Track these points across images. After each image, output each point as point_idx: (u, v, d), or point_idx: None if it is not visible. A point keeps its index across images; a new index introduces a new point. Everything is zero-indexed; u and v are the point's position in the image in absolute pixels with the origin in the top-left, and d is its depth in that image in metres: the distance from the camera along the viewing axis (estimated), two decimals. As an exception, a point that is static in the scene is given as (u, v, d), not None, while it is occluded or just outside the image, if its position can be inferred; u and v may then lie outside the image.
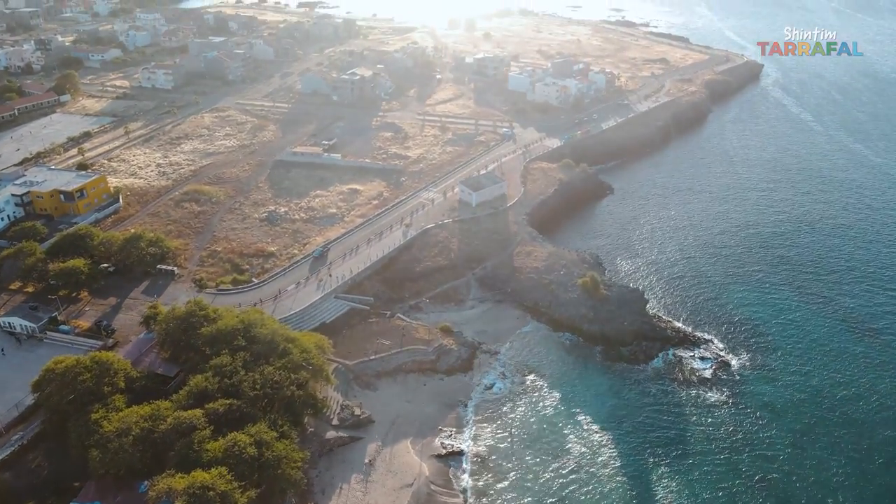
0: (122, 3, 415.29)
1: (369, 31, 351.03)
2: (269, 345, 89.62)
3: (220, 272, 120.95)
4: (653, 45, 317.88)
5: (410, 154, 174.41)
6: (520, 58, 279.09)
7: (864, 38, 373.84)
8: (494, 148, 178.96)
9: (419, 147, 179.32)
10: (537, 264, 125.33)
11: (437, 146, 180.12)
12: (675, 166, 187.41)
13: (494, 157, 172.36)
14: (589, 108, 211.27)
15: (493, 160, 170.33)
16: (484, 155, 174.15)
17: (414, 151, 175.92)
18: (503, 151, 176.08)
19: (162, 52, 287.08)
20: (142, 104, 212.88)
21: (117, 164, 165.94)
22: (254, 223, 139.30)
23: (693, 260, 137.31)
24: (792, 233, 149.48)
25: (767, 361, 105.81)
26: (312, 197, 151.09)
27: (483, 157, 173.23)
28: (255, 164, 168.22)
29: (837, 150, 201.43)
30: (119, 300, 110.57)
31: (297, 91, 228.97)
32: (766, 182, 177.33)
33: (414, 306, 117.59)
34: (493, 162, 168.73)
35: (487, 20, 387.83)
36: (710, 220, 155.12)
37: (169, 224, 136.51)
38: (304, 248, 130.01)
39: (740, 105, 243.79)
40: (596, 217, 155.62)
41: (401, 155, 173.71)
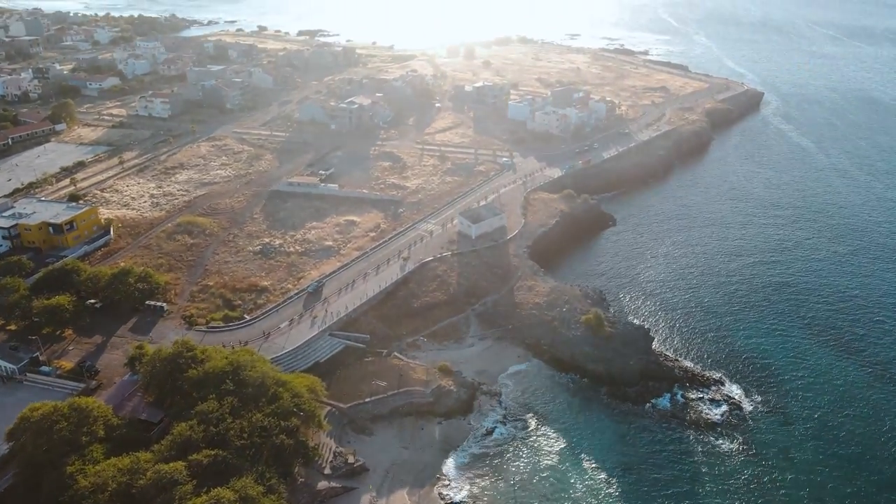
0: (123, 32, 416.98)
1: (369, 59, 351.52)
2: (258, 389, 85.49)
3: (212, 308, 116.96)
4: (652, 73, 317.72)
5: (409, 184, 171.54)
6: (519, 86, 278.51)
7: (861, 66, 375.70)
8: (494, 178, 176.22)
9: (418, 177, 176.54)
10: (539, 300, 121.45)
11: (435, 176, 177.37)
12: (677, 196, 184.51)
13: (494, 187, 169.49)
14: (590, 137, 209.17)
15: (493, 191, 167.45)
16: (483, 185, 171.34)
17: (412, 181, 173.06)
18: (503, 182, 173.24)
19: (161, 80, 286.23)
20: (138, 133, 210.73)
21: (110, 194, 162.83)
22: (247, 256, 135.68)
23: (698, 293, 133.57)
24: (797, 263, 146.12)
25: (779, 402, 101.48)
26: (308, 229, 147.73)
27: (482, 187, 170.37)
28: (250, 194, 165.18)
29: (840, 179, 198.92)
30: (105, 338, 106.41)
31: (295, 120, 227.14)
32: (769, 212, 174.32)
33: (411, 344, 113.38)
34: (493, 193, 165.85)
35: (487, 48, 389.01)
36: (713, 250, 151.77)
37: (160, 257, 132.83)
38: (299, 282, 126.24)
39: (742, 133, 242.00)
40: (598, 249, 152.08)
41: (399, 185, 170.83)
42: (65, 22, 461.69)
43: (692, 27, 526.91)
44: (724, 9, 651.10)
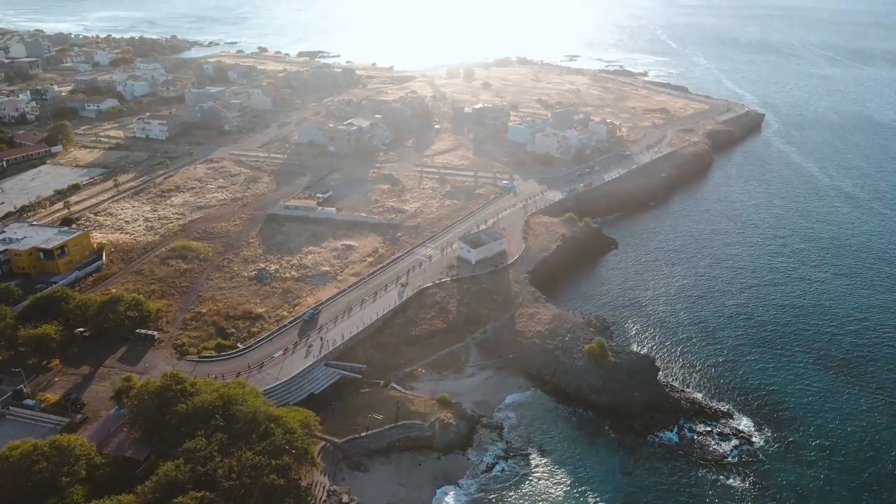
0: (123, 54, 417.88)
1: (368, 80, 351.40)
2: (249, 424, 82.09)
3: (204, 336, 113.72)
4: (652, 94, 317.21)
5: (407, 207, 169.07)
6: (519, 107, 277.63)
7: (860, 87, 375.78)
8: (494, 201, 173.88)
9: (416, 200, 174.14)
10: (540, 328, 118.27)
11: (434, 199, 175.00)
12: (679, 219, 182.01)
13: (494, 210, 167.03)
14: (590, 160, 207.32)
15: (493, 214, 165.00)
16: (483, 209, 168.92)
17: (411, 205, 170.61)
18: (503, 205, 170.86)
19: (159, 101, 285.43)
20: (134, 155, 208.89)
21: (104, 218, 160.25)
22: (242, 282, 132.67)
23: (702, 320, 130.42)
24: (802, 287, 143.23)
25: (790, 435, 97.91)
26: (305, 253, 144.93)
27: (482, 210, 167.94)
28: (246, 217, 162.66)
29: (843, 201, 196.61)
30: (92, 369, 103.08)
31: (294, 141, 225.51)
32: (772, 234, 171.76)
33: (409, 374, 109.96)
34: (493, 216, 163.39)
35: (486, 69, 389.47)
36: (717, 275, 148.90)
37: (152, 283, 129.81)
38: (294, 309, 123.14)
39: (743, 155, 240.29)
40: (600, 274, 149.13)
41: (397, 208, 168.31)
42: (65, 43, 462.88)
43: (691, 48, 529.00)
44: (723, 30, 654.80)
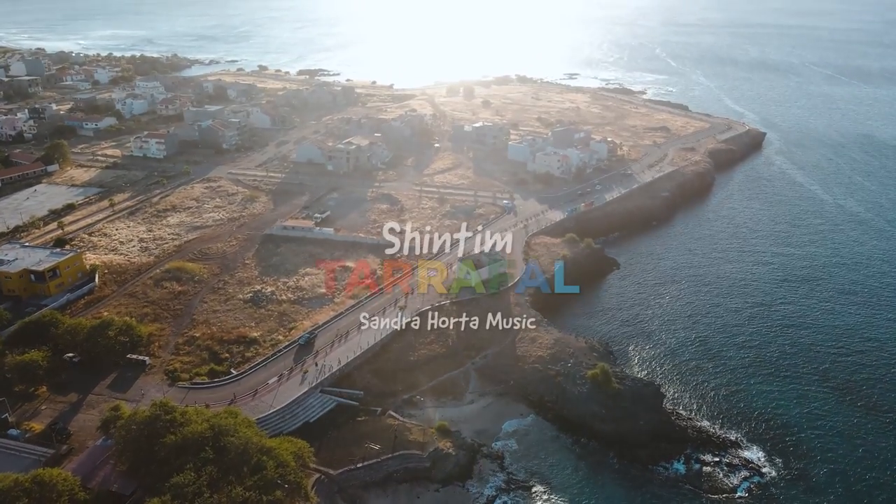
0: (124, 72, 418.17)
1: (368, 98, 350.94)
2: (240, 457, 79.04)
3: (197, 362, 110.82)
4: (652, 112, 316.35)
5: (407, 227, 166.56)
6: (519, 125, 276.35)
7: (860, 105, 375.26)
8: (494, 221, 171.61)
9: (416, 220, 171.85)
10: (542, 353, 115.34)
11: (434, 219, 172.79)
12: (682, 239, 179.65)
13: (495, 230, 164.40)
14: (591, 179, 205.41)
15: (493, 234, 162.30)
16: (484, 229, 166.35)
17: (411, 225, 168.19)
18: (504, 225, 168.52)
19: (158, 120, 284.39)
20: (131, 174, 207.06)
21: (98, 238, 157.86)
22: (237, 305, 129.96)
23: (707, 342, 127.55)
24: (809, 309, 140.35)
25: (802, 466, 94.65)
26: (302, 275, 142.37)
27: (483, 231, 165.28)
28: (243, 238, 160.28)
29: (848, 221, 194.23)
30: (80, 396, 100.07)
31: (292, 160, 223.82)
32: (777, 254, 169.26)
33: (407, 401, 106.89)
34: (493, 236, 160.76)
35: (486, 87, 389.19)
36: (721, 295, 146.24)
37: (145, 306, 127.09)
38: (290, 333, 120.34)
39: (745, 174, 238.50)
40: (602, 296, 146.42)
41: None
42: (66, 62, 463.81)
43: (690, 67, 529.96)
44: (721, 49, 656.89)
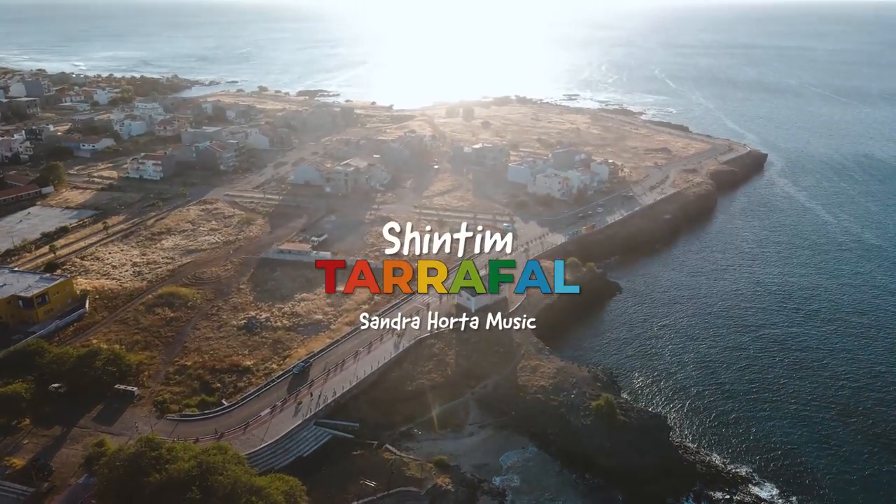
0: (123, 93, 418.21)
1: (367, 119, 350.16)
2: (228, 497, 75.18)
3: (187, 392, 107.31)
4: (653, 133, 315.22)
5: (405, 251, 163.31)
6: (519, 147, 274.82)
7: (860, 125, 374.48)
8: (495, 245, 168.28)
9: (415, 244, 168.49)
10: (544, 382, 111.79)
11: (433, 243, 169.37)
12: (685, 262, 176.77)
13: (495, 254, 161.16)
14: (593, 201, 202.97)
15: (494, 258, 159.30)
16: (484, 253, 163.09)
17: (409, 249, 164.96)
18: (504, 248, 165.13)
19: (156, 141, 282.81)
20: (127, 196, 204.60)
21: (90, 262, 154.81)
22: (231, 331, 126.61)
23: (713, 371, 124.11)
24: (815, 334, 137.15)
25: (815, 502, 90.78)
26: (297, 300, 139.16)
27: (483, 254, 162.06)
28: (238, 262, 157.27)
29: (853, 244, 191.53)
30: (65, 430, 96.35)
31: (290, 182, 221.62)
32: (782, 278, 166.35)
33: (405, 433, 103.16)
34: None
35: (486, 108, 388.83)
36: (726, 321, 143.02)
37: (136, 333, 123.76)
38: (284, 361, 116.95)
39: (748, 196, 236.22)
40: (605, 322, 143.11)
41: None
42: (67, 83, 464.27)
43: (689, 87, 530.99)
44: (719, 70, 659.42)
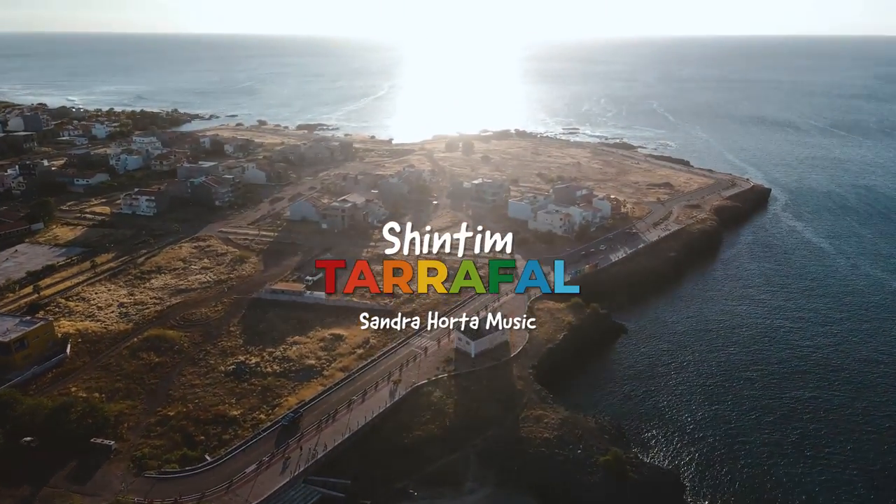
0: (122, 127, 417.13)
1: (366, 153, 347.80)
2: (204, 572, 68.62)
3: (169, 446, 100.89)
4: (654, 168, 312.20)
5: (402, 291, 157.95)
6: (519, 182, 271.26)
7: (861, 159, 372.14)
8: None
9: (413, 283, 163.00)
10: (548, 434, 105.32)
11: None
12: (691, 302, 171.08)
13: (495, 295, 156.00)
14: (595, 238, 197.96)
15: (494, 298, 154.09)
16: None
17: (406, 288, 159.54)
18: (504, 288, 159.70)
19: (152, 176, 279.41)
20: (118, 233, 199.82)
21: (75, 303, 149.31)
22: (218, 378, 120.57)
23: (724, 419, 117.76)
24: (828, 377, 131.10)
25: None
26: (289, 344, 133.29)
27: (482, 294, 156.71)
28: (229, 302, 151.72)
29: (863, 281, 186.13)
30: (34, 490, 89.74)
31: (285, 218, 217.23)
32: (792, 317, 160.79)
33: (400, 491, 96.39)
34: (494, 300, 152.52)
35: (485, 142, 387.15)
36: (736, 364, 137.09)
37: (118, 380, 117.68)
38: (273, 411, 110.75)
39: (753, 232, 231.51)
40: (611, 368, 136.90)
41: (391, 292, 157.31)
42: (66, 117, 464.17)
43: (688, 121, 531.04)
44: (718, 104, 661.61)
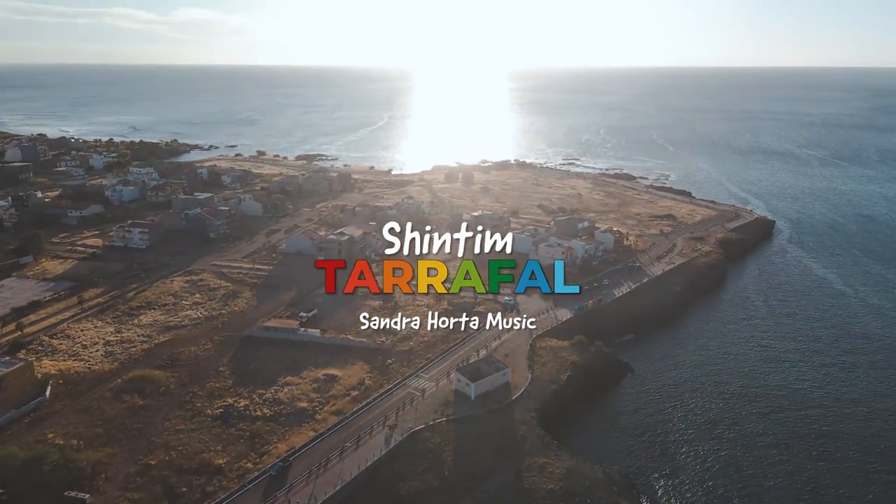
0: (120, 158, 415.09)
1: (365, 184, 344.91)
2: None
3: (148, 499, 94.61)
4: (656, 199, 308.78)
5: (399, 328, 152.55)
6: (520, 213, 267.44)
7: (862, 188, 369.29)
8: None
9: (409, 317, 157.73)
10: (553, 485, 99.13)
11: (431, 318, 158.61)
12: (698, 339, 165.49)
13: (495, 332, 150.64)
14: (598, 272, 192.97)
15: (494, 336, 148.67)
16: (483, 330, 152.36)
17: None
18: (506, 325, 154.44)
19: (147, 207, 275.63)
20: (109, 266, 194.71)
21: (59, 341, 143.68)
22: (204, 423, 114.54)
23: (737, 467, 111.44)
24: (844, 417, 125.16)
25: None
26: (281, 385, 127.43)
27: (482, 332, 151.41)
28: (219, 340, 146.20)
29: (873, 317, 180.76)
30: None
31: (281, 251, 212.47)
32: (803, 352, 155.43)
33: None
34: (494, 338, 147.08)
35: (485, 172, 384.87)
36: (746, 404, 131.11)
37: (98, 425, 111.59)
38: (262, 459, 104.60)
39: (759, 265, 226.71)
40: (617, 411, 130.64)
41: (388, 329, 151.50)
42: (64, 147, 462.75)
43: (688, 151, 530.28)
44: (717, 134, 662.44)
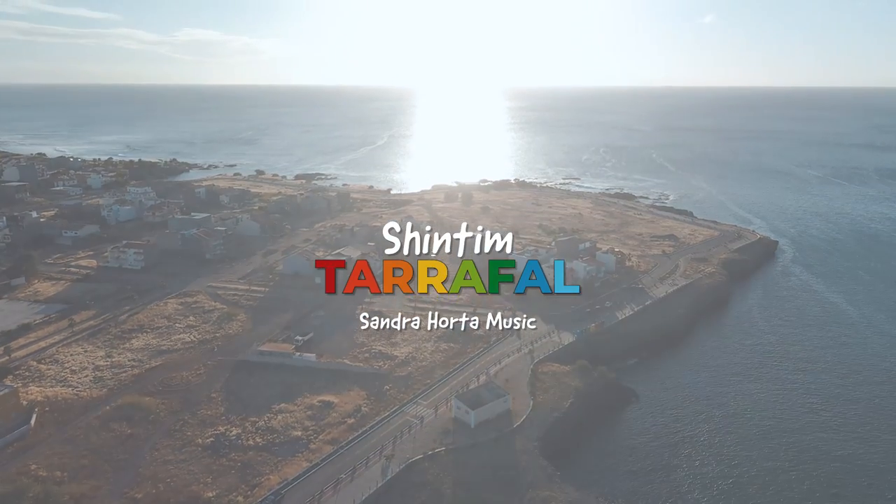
0: (118, 177, 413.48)
1: (363, 203, 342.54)
2: None
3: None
4: (657, 219, 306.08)
5: (397, 353, 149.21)
6: (520, 234, 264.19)
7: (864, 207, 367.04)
8: (496, 344, 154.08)
9: (408, 343, 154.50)
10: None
11: (428, 342, 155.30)
12: (703, 363, 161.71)
13: (496, 356, 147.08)
14: (600, 294, 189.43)
15: (495, 360, 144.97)
16: (484, 354, 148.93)
17: (401, 349, 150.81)
18: (506, 349, 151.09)
19: (144, 227, 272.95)
20: (102, 288, 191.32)
21: (47, 366, 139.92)
22: (194, 453, 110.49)
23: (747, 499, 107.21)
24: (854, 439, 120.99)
25: None
26: (275, 412, 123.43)
27: (483, 356, 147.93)
28: (212, 365, 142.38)
29: (880, 338, 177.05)
30: (-26, 592, 79.19)
31: (278, 272, 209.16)
32: (811, 374, 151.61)
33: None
34: (495, 363, 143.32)
35: (485, 192, 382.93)
36: (753, 434, 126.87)
37: (84, 456, 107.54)
38: (253, 492, 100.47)
39: (763, 286, 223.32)
40: (622, 439, 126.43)
41: (386, 354, 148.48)
42: (63, 167, 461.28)
43: (689, 171, 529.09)
44: (717, 153, 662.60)
